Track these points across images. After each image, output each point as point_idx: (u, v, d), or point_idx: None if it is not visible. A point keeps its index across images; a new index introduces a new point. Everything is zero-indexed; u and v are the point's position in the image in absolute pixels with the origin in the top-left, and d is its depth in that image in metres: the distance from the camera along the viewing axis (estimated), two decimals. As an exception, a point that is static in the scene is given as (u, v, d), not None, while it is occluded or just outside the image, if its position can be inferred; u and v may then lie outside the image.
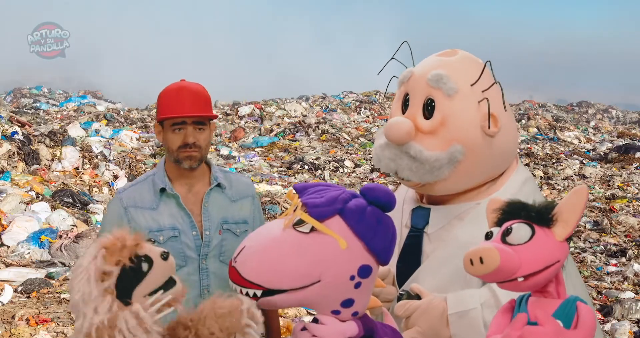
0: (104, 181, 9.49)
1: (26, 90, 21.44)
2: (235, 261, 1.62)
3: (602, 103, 25.06)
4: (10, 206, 7.44)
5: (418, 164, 1.89)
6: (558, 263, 1.40)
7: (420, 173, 1.90)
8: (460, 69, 1.97)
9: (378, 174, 12.37)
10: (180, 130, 2.26)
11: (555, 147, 15.76)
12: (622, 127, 20.22)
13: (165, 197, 2.34)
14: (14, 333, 4.77)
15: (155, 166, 2.47)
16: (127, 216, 2.31)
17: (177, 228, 2.31)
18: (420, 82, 1.96)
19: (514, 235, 1.40)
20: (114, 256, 1.54)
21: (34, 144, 9.46)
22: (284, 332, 4.80)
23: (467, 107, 1.92)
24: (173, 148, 2.29)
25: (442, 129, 1.90)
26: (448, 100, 1.91)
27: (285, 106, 18.81)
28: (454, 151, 1.89)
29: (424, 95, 1.94)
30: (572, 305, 1.41)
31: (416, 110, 1.94)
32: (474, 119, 1.92)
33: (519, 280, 1.39)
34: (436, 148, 1.89)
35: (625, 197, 10.67)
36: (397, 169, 1.93)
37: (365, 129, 17.03)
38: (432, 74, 1.93)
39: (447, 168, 1.89)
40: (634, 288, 6.63)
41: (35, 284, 5.81)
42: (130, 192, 2.37)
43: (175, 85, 2.34)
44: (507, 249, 1.38)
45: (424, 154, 1.88)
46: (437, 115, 1.91)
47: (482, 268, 1.38)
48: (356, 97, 20.64)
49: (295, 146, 15.09)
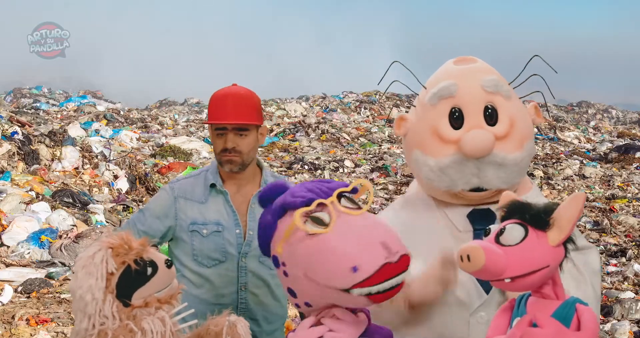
0: (104, 181, 9.49)
1: (26, 90, 21.45)
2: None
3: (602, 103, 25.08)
4: (10, 206, 7.44)
5: (506, 170, 1.90)
6: (547, 268, 1.39)
7: (511, 177, 1.91)
8: (494, 72, 2.02)
9: (378, 174, 12.37)
10: (222, 135, 2.37)
11: (555, 147, 15.77)
12: (622, 127, 20.23)
13: (215, 193, 2.43)
14: (14, 333, 4.77)
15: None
16: (176, 205, 2.41)
17: (222, 224, 2.39)
18: (474, 92, 1.94)
19: (506, 235, 1.41)
20: (120, 257, 1.56)
21: (34, 144, 9.45)
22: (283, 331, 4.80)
23: (521, 105, 2.00)
24: (216, 151, 2.41)
25: (512, 131, 1.93)
26: (508, 102, 1.95)
27: (285, 106, 18.81)
28: (530, 148, 1.95)
29: (483, 103, 1.94)
30: (571, 307, 1.41)
31: (478, 119, 1.92)
32: (528, 115, 2.00)
33: (506, 281, 1.40)
34: (515, 149, 1.91)
35: (625, 197, 10.67)
36: (482, 182, 1.90)
37: (365, 129, 17.02)
38: (487, 80, 1.95)
39: (528, 166, 1.96)
40: (634, 288, 6.62)
41: (35, 284, 5.81)
42: (183, 183, 2.46)
43: (223, 91, 2.43)
44: (495, 250, 1.39)
45: (508, 158, 1.89)
46: (504, 118, 1.92)
47: (469, 266, 1.40)
48: (356, 97, 20.64)
49: (295, 146, 15.09)
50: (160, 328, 1.56)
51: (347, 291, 1.49)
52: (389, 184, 11.56)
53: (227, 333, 1.68)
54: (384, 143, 15.82)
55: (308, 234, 1.51)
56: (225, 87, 2.45)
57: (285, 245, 1.54)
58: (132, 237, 1.60)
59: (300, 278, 1.55)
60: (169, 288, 1.63)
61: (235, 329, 1.69)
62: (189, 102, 21.56)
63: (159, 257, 1.62)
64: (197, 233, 2.37)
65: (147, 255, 1.60)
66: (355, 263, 1.48)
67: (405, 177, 11.85)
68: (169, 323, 1.58)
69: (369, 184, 1.60)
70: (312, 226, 1.51)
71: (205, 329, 1.70)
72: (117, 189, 9.38)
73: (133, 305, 1.57)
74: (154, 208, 2.44)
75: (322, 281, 1.52)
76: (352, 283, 1.48)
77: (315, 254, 1.51)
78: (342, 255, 1.49)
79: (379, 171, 12.58)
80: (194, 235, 2.38)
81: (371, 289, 1.48)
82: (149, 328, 1.54)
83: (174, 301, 1.65)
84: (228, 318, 1.71)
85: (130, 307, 1.57)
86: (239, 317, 1.74)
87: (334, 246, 1.50)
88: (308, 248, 1.52)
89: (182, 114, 18.69)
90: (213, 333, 1.69)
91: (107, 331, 1.53)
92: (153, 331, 1.55)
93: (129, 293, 1.57)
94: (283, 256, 1.56)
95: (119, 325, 1.54)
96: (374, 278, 1.48)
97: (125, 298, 1.56)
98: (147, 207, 2.47)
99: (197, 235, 2.37)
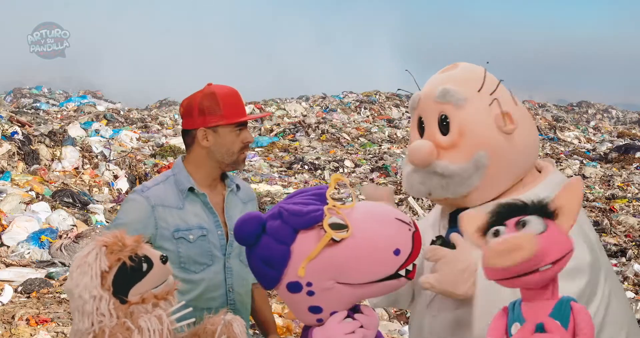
0: (104, 181, 9.50)
1: (26, 90, 21.47)
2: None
3: (602, 103, 25.11)
4: (10, 206, 7.45)
5: (448, 180, 1.91)
6: (571, 252, 1.40)
7: (452, 187, 1.92)
8: (464, 79, 2.00)
9: (378, 174, 12.38)
10: (241, 131, 2.39)
11: (555, 147, 15.77)
12: (622, 127, 20.24)
13: (190, 197, 2.39)
14: (14, 333, 4.77)
15: (170, 168, 2.52)
16: (155, 214, 2.34)
17: (205, 227, 2.37)
18: (429, 102, 1.99)
19: (532, 225, 1.40)
20: (115, 255, 1.56)
21: (34, 144, 9.46)
22: (284, 332, 4.81)
23: (480, 113, 1.95)
24: (234, 149, 2.39)
25: (461, 141, 1.92)
26: (460, 111, 1.94)
27: (285, 106, 18.82)
28: (479, 158, 1.91)
29: (437, 113, 1.97)
30: (566, 306, 1.41)
31: (433, 130, 1.97)
32: (490, 123, 1.95)
33: (545, 268, 1.38)
34: (461, 159, 1.91)
35: (625, 197, 10.68)
36: (430, 190, 1.95)
37: (365, 129, 17.03)
38: (438, 90, 1.97)
39: (477, 176, 1.92)
40: (634, 288, 6.63)
41: (35, 284, 5.81)
42: (155, 191, 2.39)
43: (225, 89, 2.43)
44: (539, 236, 1.38)
45: (450, 168, 1.90)
46: (453, 128, 1.93)
47: (515, 256, 1.34)
48: (356, 97, 20.65)
49: (295, 146, 15.10)
50: (157, 326, 1.56)
51: (393, 276, 1.55)
52: (389, 184, 11.56)
53: (222, 332, 1.68)
54: (384, 143, 15.83)
55: (335, 242, 1.52)
56: (218, 86, 2.44)
57: (308, 265, 1.53)
58: (125, 235, 1.61)
59: (332, 289, 1.55)
60: (165, 284, 1.63)
61: (232, 328, 1.69)
62: (189, 102, 21.54)
63: (154, 253, 1.63)
64: (183, 239, 2.34)
65: (142, 251, 1.60)
66: (395, 246, 1.54)
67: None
68: (166, 321, 1.58)
69: (342, 176, 1.64)
70: (338, 232, 1.52)
71: (203, 328, 1.71)
72: (117, 189, 9.39)
73: (130, 301, 1.58)
74: (130, 222, 2.31)
75: (365, 279, 1.54)
76: (398, 265, 1.54)
77: (352, 256, 1.53)
78: (381, 245, 1.54)
79: (379, 171, 12.59)
80: (179, 242, 2.34)
81: (415, 262, 1.57)
82: (145, 326, 1.55)
83: (171, 297, 1.65)
84: (224, 317, 1.71)
85: (128, 303, 1.58)
86: (235, 316, 1.73)
87: (369, 241, 1.53)
88: (341, 255, 1.53)
89: (182, 114, 18.69)
90: (210, 332, 1.69)
91: (105, 329, 1.54)
92: (150, 329, 1.55)
93: (125, 289, 1.57)
94: (307, 277, 1.54)
95: (116, 322, 1.55)
96: (414, 251, 1.56)
97: (122, 295, 1.57)
98: (121, 223, 2.32)
99: (183, 241, 2.34)
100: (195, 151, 2.41)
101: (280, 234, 1.54)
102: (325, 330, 1.58)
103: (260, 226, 1.56)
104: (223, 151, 2.39)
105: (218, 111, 2.37)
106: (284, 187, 10.89)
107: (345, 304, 1.59)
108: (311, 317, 1.59)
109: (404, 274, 1.55)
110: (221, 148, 2.38)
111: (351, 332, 1.57)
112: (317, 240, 1.52)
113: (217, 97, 2.38)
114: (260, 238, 1.56)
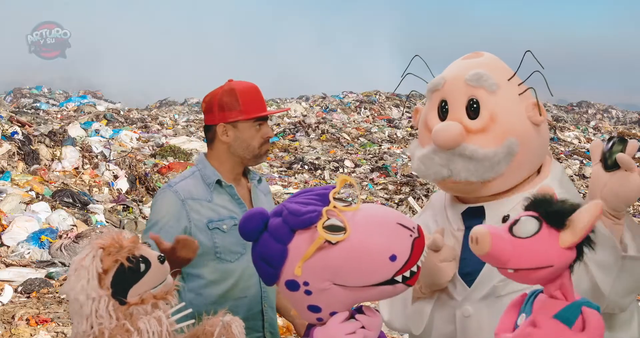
0: (104, 181, 9.50)
1: (26, 90, 21.48)
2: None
3: (602, 103, 25.11)
4: (10, 206, 7.45)
5: (476, 163, 1.89)
6: (551, 268, 1.39)
7: (480, 171, 1.90)
8: (493, 66, 2.00)
9: (378, 174, 12.37)
10: (260, 126, 2.44)
11: (555, 147, 15.77)
12: (622, 127, 20.24)
13: (218, 190, 2.45)
14: (14, 333, 4.77)
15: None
16: (186, 207, 2.38)
17: (236, 218, 2.41)
18: (459, 84, 1.96)
19: (519, 226, 1.41)
20: (112, 256, 1.56)
21: (34, 144, 9.46)
22: (284, 332, 4.80)
23: (511, 101, 1.96)
24: (254, 144, 2.44)
25: (492, 126, 1.92)
26: (492, 96, 1.94)
27: (285, 106, 18.82)
28: (510, 144, 1.91)
29: (466, 96, 1.95)
30: (576, 308, 1.41)
31: (459, 113, 1.94)
32: (520, 112, 1.95)
33: (509, 271, 1.40)
34: (490, 144, 1.90)
35: (626, 197, 10.64)
36: (452, 173, 1.91)
37: (365, 129, 17.04)
38: (471, 73, 1.95)
39: (505, 162, 1.91)
40: (634, 288, 6.62)
41: (35, 284, 5.82)
42: (183, 185, 2.44)
43: (245, 84, 2.48)
44: (503, 238, 1.39)
45: (480, 152, 1.88)
46: (484, 113, 1.92)
47: (476, 249, 1.41)
48: (356, 97, 20.66)
49: (295, 146, 15.11)
50: (156, 328, 1.56)
51: (389, 281, 1.52)
52: (389, 184, 11.56)
53: (221, 334, 1.68)
54: (384, 143, 15.84)
55: (331, 244, 1.51)
56: (236, 82, 2.48)
57: (305, 265, 1.53)
58: (122, 236, 1.61)
59: (329, 290, 1.55)
60: (163, 284, 1.64)
61: (230, 329, 1.69)
62: (189, 102, 21.58)
63: (151, 253, 1.63)
64: (218, 229, 2.39)
65: (139, 251, 1.61)
66: (391, 251, 1.51)
67: (405, 177, 11.86)
68: (165, 323, 1.58)
69: (349, 178, 1.62)
70: (333, 235, 1.51)
71: (202, 329, 1.71)
72: (117, 189, 9.39)
73: (129, 302, 1.58)
74: (163, 217, 2.37)
75: (360, 282, 1.53)
76: (394, 271, 1.51)
77: (347, 259, 1.51)
78: (375, 250, 1.51)
79: (379, 171, 12.59)
80: (214, 233, 2.38)
81: (413, 269, 1.53)
82: (144, 328, 1.55)
83: (170, 297, 1.65)
84: (222, 319, 1.71)
85: (127, 304, 1.58)
86: (234, 317, 1.73)
87: (364, 245, 1.51)
88: (336, 257, 1.52)
89: (182, 114, 18.72)
90: (209, 333, 1.68)
91: (104, 331, 1.54)
92: (149, 331, 1.55)
93: (124, 290, 1.58)
94: (303, 276, 1.54)
95: (115, 324, 1.55)
96: (412, 258, 1.52)
97: (121, 296, 1.57)
98: (157, 219, 2.38)
99: (218, 231, 2.39)
100: (216, 146, 2.47)
101: (279, 233, 1.55)
102: (326, 330, 1.58)
103: (262, 223, 1.58)
104: (243, 146, 2.44)
105: (237, 106, 2.42)
106: (284, 187, 10.89)
107: (344, 305, 1.59)
108: (311, 316, 1.60)
109: (400, 280, 1.53)
110: (241, 143, 2.43)
111: (352, 333, 1.56)
112: (312, 240, 1.52)
113: (236, 92, 2.43)
114: (261, 234, 1.57)
